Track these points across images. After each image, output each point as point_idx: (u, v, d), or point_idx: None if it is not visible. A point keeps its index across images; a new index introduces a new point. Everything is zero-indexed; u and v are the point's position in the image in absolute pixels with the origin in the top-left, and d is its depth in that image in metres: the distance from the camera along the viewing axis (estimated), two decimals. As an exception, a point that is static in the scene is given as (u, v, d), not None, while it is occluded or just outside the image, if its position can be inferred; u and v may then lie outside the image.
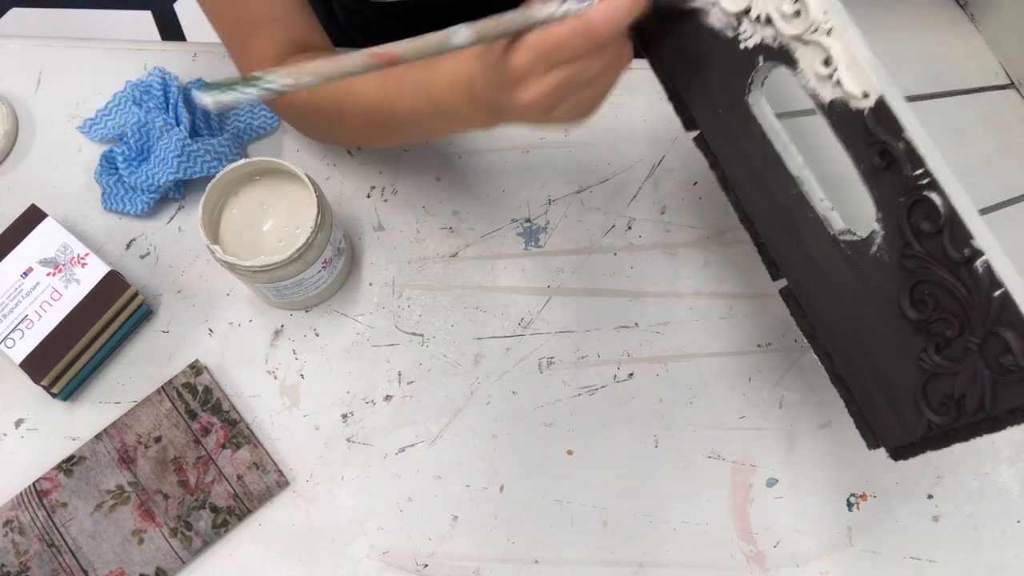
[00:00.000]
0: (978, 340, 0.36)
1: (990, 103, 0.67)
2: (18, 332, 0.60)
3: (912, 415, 0.40)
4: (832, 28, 0.38)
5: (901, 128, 0.36)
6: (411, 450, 0.63)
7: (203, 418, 0.62)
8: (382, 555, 0.61)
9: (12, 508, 0.60)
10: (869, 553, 0.61)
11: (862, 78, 0.37)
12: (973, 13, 0.70)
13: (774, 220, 0.46)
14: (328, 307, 0.67)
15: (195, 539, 0.60)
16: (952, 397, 0.38)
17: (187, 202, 0.70)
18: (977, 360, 0.37)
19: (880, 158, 0.37)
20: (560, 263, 0.68)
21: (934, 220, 0.36)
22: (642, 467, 0.63)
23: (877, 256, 0.40)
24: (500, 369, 0.65)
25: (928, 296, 0.38)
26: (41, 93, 0.73)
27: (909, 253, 0.38)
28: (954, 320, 0.37)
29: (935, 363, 0.39)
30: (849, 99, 0.38)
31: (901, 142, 0.36)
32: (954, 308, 0.37)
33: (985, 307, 0.36)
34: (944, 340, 0.38)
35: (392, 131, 0.58)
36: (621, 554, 0.61)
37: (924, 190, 0.36)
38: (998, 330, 0.35)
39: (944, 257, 0.36)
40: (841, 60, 0.38)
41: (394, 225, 0.70)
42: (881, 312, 0.40)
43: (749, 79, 0.43)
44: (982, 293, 0.35)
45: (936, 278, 0.37)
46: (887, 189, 0.38)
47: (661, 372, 0.66)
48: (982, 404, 0.37)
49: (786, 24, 0.39)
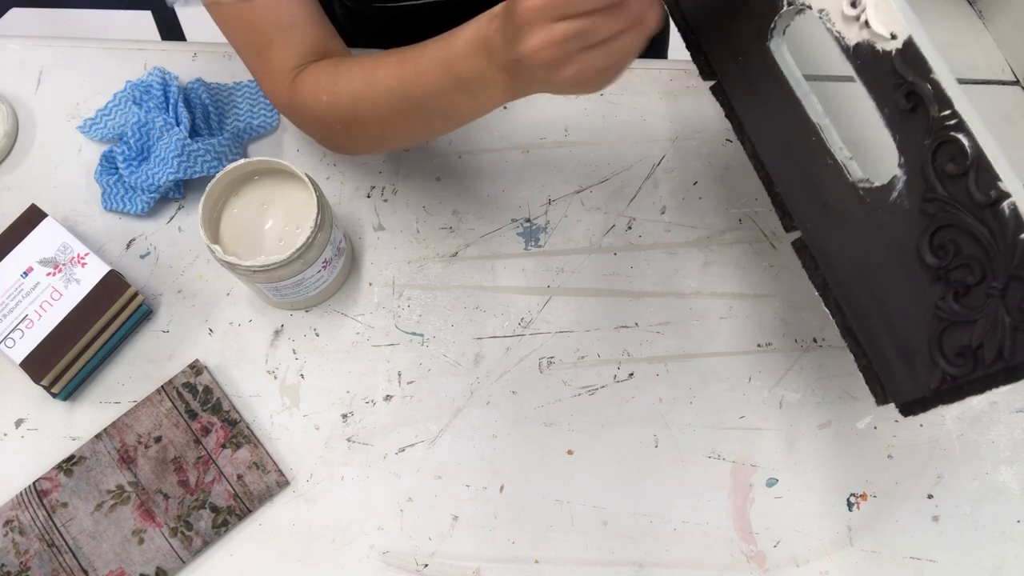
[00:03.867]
0: (1000, 286, 0.35)
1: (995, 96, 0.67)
2: (18, 332, 0.60)
3: (926, 367, 0.39)
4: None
5: (929, 69, 0.36)
6: (411, 450, 0.63)
7: (203, 418, 0.62)
8: (382, 555, 0.61)
9: (12, 508, 0.60)
10: (869, 553, 0.61)
11: (891, 18, 0.37)
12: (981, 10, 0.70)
13: (791, 169, 0.45)
14: (328, 307, 0.67)
15: (195, 539, 0.60)
16: (969, 347, 0.37)
17: (187, 202, 0.70)
18: (998, 307, 0.36)
19: (906, 100, 0.37)
20: (560, 263, 0.68)
21: (960, 162, 0.35)
22: (642, 467, 0.63)
23: (897, 202, 0.39)
24: (500, 369, 0.65)
25: (949, 242, 0.37)
26: (41, 93, 0.73)
27: (932, 197, 0.37)
28: (975, 266, 0.36)
29: (953, 311, 0.38)
30: (876, 40, 0.37)
31: (929, 83, 0.36)
32: (976, 253, 0.36)
33: (1010, 251, 0.35)
34: (964, 287, 0.37)
35: (413, 120, 0.56)
36: (621, 554, 0.61)
37: (951, 131, 0.35)
38: (1022, 274, 0.34)
39: (969, 200, 0.36)
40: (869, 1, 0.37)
41: (394, 225, 0.70)
42: (898, 261, 0.39)
43: (772, 24, 0.42)
44: (1007, 236, 0.34)
45: (959, 222, 0.36)
46: (912, 132, 0.37)
47: (661, 372, 0.66)
48: (1001, 353, 0.36)
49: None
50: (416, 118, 0.56)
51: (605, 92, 0.73)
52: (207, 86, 0.71)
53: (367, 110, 0.56)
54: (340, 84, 0.56)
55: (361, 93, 0.55)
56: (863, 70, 0.39)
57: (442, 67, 0.50)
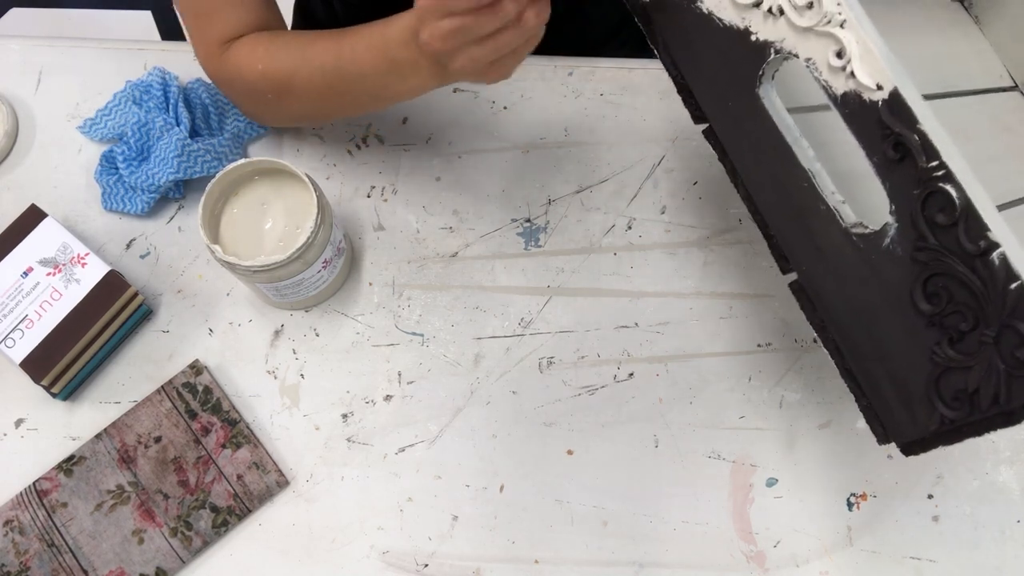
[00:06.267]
0: (993, 334, 0.36)
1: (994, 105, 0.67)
2: (18, 332, 0.60)
3: (924, 410, 0.40)
4: (845, 20, 0.38)
5: (916, 120, 0.36)
6: (411, 450, 0.63)
7: (203, 418, 0.62)
8: (382, 555, 0.61)
9: (12, 508, 0.60)
10: (869, 553, 0.61)
11: (876, 70, 0.37)
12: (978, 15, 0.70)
13: (785, 213, 0.45)
14: (328, 307, 0.67)
15: (195, 539, 0.60)
16: (965, 391, 0.38)
17: (187, 202, 0.70)
18: (992, 354, 0.36)
19: (894, 150, 0.37)
20: (560, 263, 0.68)
21: (949, 212, 0.36)
22: (642, 467, 0.63)
23: (890, 249, 0.39)
24: (500, 369, 0.65)
25: (942, 289, 0.37)
26: (41, 93, 0.73)
27: (923, 246, 0.38)
28: (968, 313, 0.37)
29: (948, 357, 0.38)
30: (863, 91, 0.38)
31: (915, 134, 0.36)
32: (968, 301, 0.36)
33: (1001, 300, 0.35)
34: (958, 333, 0.37)
35: (344, 96, 0.59)
36: (621, 554, 0.61)
37: (939, 182, 0.36)
38: (1014, 323, 0.35)
39: (959, 249, 0.36)
40: (855, 52, 0.38)
41: (394, 225, 0.70)
42: (893, 305, 0.40)
43: (760, 71, 0.43)
44: (998, 286, 0.35)
45: (950, 271, 0.37)
46: (901, 181, 0.38)
47: (661, 372, 0.66)
48: (996, 399, 0.36)
49: (799, 16, 0.39)
50: (348, 95, 0.59)
51: (605, 92, 0.73)
52: (207, 86, 0.71)
53: (301, 83, 0.58)
54: (277, 55, 0.59)
55: (296, 66, 0.58)
56: (851, 118, 0.39)
57: (378, 50, 0.54)
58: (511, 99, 0.73)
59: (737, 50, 0.43)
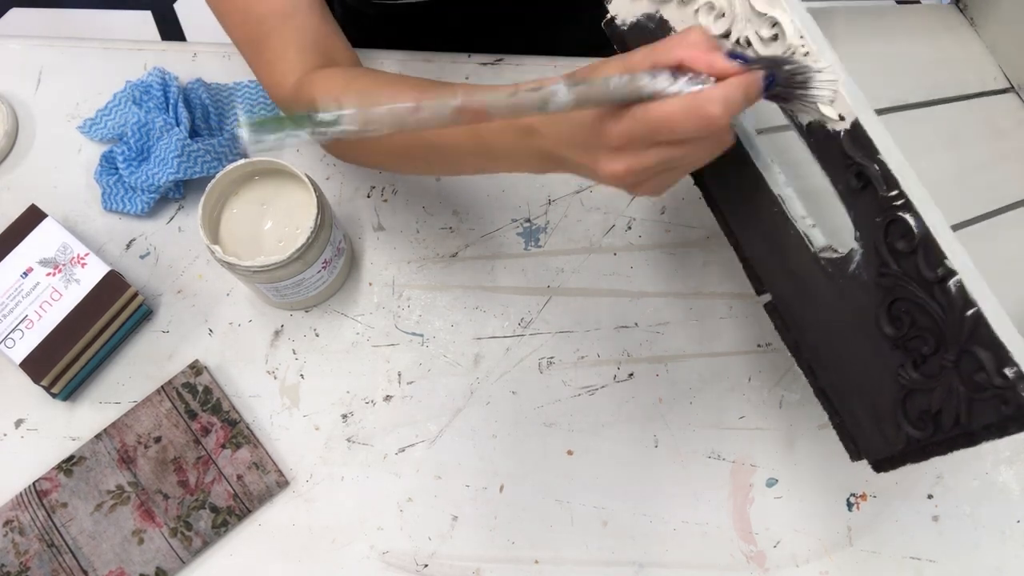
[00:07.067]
0: (953, 358, 0.37)
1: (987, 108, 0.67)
2: (18, 332, 0.60)
3: (892, 428, 0.41)
4: (808, 52, 0.38)
5: (876, 150, 0.37)
6: (411, 450, 0.63)
7: (203, 418, 0.62)
8: (382, 555, 0.61)
9: (12, 508, 0.60)
10: (869, 553, 0.61)
11: (838, 101, 0.38)
12: (973, 17, 0.70)
13: (757, 236, 0.46)
14: (328, 307, 0.67)
15: (195, 539, 0.60)
16: (930, 412, 0.39)
17: (187, 202, 0.70)
18: (952, 377, 0.37)
19: (857, 179, 0.38)
20: (560, 263, 0.68)
21: (909, 240, 0.37)
22: (642, 467, 0.63)
23: (856, 273, 0.40)
24: (500, 369, 0.65)
25: (904, 314, 0.38)
26: (41, 93, 0.73)
27: (886, 272, 0.39)
28: (930, 337, 0.37)
29: (912, 379, 0.39)
30: (826, 121, 0.38)
31: (876, 164, 0.37)
32: (929, 326, 0.37)
33: (958, 326, 0.36)
34: (921, 357, 0.38)
35: (419, 160, 0.55)
36: (621, 554, 0.61)
37: (898, 211, 0.37)
38: (971, 349, 0.36)
39: (919, 276, 0.37)
40: None
41: (394, 225, 0.70)
42: (861, 328, 0.41)
43: None
44: (955, 312, 0.36)
45: (912, 296, 0.38)
46: (864, 209, 0.39)
47: (661, 372, 0.66)
48: (958, 420, 0.37)
49: (764, 47, 0.40)
50: (423, 161, 0.54)
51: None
52: (207, 86, 0.71)
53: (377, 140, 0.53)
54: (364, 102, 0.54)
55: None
56: (816, 147, 0.40)
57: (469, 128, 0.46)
58: (511, 99, 0.73)
59: None
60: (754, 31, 0.40)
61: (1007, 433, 0.36)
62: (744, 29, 0.41)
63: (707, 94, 0.36)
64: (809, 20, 0.38)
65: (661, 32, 0.45)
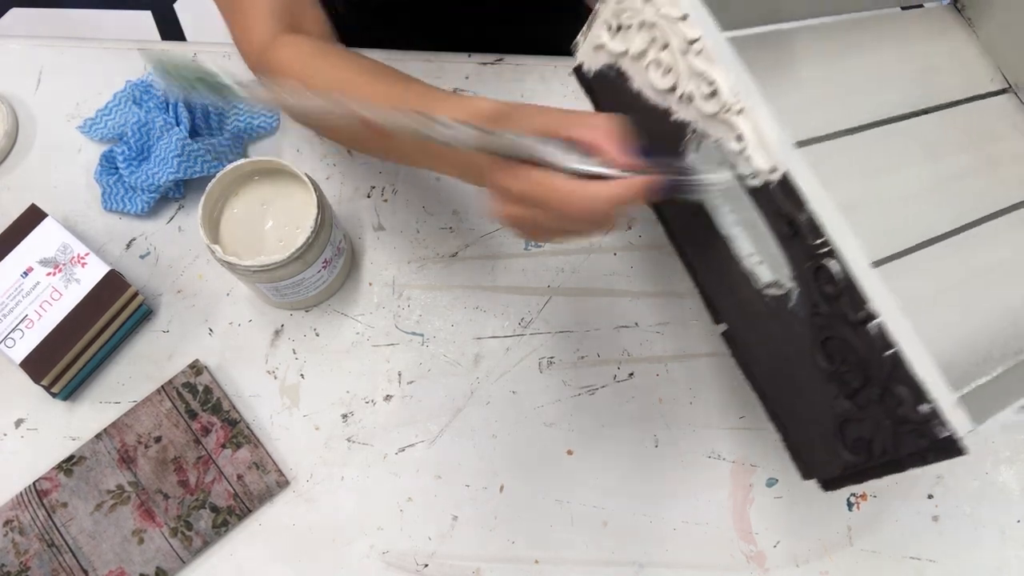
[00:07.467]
0: (878, 392, 0.39)
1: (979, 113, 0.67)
2: (18, 332, 0.60)
3: (832, 453, 0.44)
4: (743, 108, 0.41)
5: (803, 201, 0.39)
6: (411, 450, 0.63)
7: (203, 418, 0.62)
8: (382, 555, 0.61)
9: (12, 508, 0.60)
10: (869, 553, 0.61)
11: (769, 154, 0.40)
12: (971, 17, 0.70)
13: (711, 271, 0.49)
14: (328, 307, 0.67)
15: (195, 539, 0.60)
16: (863, 440, 0.41)
17: (187, 202, 0.70)
18: (879, 410, 0.40)
19: (788, 227, 0.41)
20: (560, 263, 0.68)
21: (834, 285, 0.39)
22: (642, 467, 0.63)
23: (794, 310, 0.43)
24: (500, 369, 0.65)
25: (836, 350, 0.41)
26: (41, 93, 0.73)
27: (817, 312, 0.41)
28: (858, 373, 0.40)
29: (847, 409, 0.42)
30: (760, 172, 0.41)
31: (803, 213, 0.39)
32: (857, 362, 0.40)
33: (880, 364, 0.39)
34: (852, 390, 0.41)
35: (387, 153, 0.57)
36: (621, 554, 0.61)
37: (824, 258, 0.39)
38: (891, 386, 0.38)
39: (845, 317, 0.40)
40: (751, 138, 0.41)
41: (394, 225, 0.70)
42: (801, 360, 0.43)
43: (682, 146, 0.46)
44: (876, 351, 0.38)
45: (841, 335, 0.40)
46: (796, 254, 0.41)
47: (661, 372, 0.66)
48: (885, 449, 0.40)
49: (704, 103, 0.42)
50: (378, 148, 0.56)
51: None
52: (207, 86, 0.71)
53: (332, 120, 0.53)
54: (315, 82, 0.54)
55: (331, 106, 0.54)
56: (753, 195, 0.42)
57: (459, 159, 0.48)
58: (511, 99, 0.73)
59: (662, 126, 0.46)
60: (695, 87, 0.43)
61: (928, 462, 0.39)
62: (687, 85, 0.43)
63: (597, 190, 0.39)
64: (746, 78, 0.41)
65: (620, 81, 0.48)
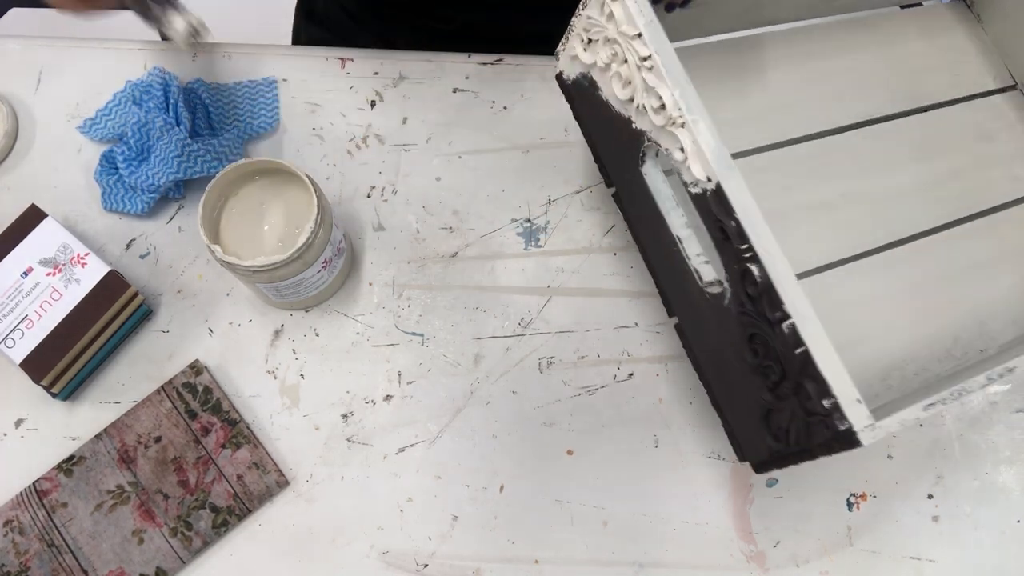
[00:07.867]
0: (792, 386, 0.43)
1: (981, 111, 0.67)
2: (18, 332, 0.60)
3: (760, 439, 0.48)
4: (684, 122, 0.44)
5: (732, 210, 0.43)
6: (411, 450, 0.63)
7: (203, 418, 0.62)
8: (382, 555, 0.61)
9: (12, 508, 0.60)
10: (869, 553, 0.61)
11: (706, 166, 0.44)
12: (980, 13, 0.70)
13: (665, 268, 0.54)
14: (328, 307, 0.67)
15: (195, 539, 0.60)
16: (783, 428, 0.46)
17: (187, 202, 0.70)
18: (793, 402, 0.44)
19: (720, 232, 0.45)
20: (560, 263, 0.68)
21: (755, 287, 0.43)
22: (642, 467, 0.63)
23: (727, 307, 0.47)
24: (500, 369, 0.65)
25: (759, 346, 0.45)
26: (41, 93, 0.73)
27: (743, 310, 0.45)
28: (776, 368, 0.44)
29: (768, 400, 0.46)
30: (699, 181, 0.45)
31: (732, 221, 0.43)
32: (776, 358, 0.44)
33: (792, 361, 0.42)
34: (773, 383, 0.45)
35: None
36: (621, 554, 0.61)
37: (748, 262, 0.43)
38: (802, 381, 0.42)
39: (764, 317, 0.44)
40: (690, 149, 0.45)
41: (394, 225, 0.70)
42: (734, 353, 0.48)
43: (641, 152, 0.51)
44: (790, 348, 0.42)
45: (762, 332, 0.44)
46: (726, 256, 0.45)
47: (661, 372, 0.66)
48: (799, 438, 0.44)
49: (655, 115, 0.47)
50: None
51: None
52: (207, 86, 0.71)
53: None
54: None
55: None
56: (694, 201, 0.46)
57: None
58: (511, 99, 0.73)
59: (625, 133, 0.51)
60: (648, 100, 0.47)
61: (834, 451, 0.42)
62: (642, 98, 0.48)
63: None
64: (690, 93, 0.45)
65: (592, 90, 0.53)
